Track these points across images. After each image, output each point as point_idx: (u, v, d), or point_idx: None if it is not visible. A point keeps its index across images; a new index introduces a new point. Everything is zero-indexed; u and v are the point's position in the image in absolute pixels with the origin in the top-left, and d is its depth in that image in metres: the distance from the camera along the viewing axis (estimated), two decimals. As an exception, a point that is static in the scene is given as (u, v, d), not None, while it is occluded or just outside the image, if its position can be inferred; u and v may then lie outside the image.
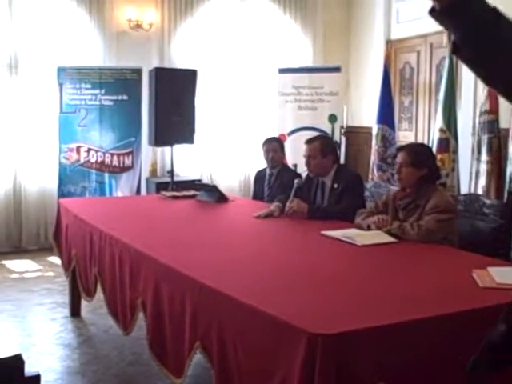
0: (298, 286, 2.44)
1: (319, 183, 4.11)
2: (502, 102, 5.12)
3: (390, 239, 3.17)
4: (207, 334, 2.37)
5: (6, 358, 1.55)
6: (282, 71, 7.05)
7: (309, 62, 7.53)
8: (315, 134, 5.91)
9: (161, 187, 6.08)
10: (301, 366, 1.84)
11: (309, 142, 4.15)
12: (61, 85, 6.31)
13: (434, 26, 1.26)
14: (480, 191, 5.17)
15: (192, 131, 6.24)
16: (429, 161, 3.44)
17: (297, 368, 1.86)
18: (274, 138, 5.25)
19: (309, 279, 2.52)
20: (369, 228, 3.38)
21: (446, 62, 5.61)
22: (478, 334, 2.07)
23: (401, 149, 3.56)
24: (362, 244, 3.07)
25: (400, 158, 3.43)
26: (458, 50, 1.19)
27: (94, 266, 3.66)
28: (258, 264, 2.79)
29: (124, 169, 6.49)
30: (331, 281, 2.51)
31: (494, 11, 1.17)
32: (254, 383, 2.10)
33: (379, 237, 3.20)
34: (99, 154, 6.41)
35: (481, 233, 3.54)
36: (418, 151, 3.47)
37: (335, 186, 3.98)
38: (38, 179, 6.54)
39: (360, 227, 3.44)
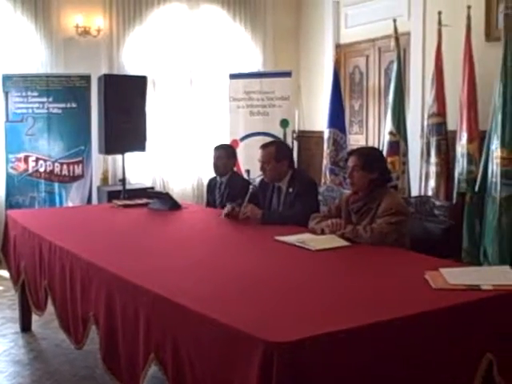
0: (253, 293, 2.41)
1: (275, 188, 4.10)
2: (450, 104, 5.23)
3: (344, 243, 3.19)
4: (161, 346, 2.32)
5: None
6: (233, 76, 7.04)
7: (259, 67, 7.54)
8: (267, 139, 5.92)
9: (113, 196, 5.97)
10: (257, 377, 1.81)
11: (263, 147, 4.14)
12: (6, 93, 6.17)
13: (381, 30, 1.27)
14: (430, 193, 5.24)
15: (143, 138, 6.17)
16: (379, 164, 3.47)
17: (254, 378, 1.83)
18: (219, 145, 5.04)
19: (263, 286, 2.50)
20: (322, 232, 3.39)
21: (394, 66, 5.67)
22: (432, 335, 2.12)
23: (351, 153, 3.58)
24: (315, 249, 3.07)
25: (351, 161, 3.46)
26: None
27: (44, 279, 3.56)
28: (211, 272, 2.74)
29: (74, 178, 6.36)
30: (286, 287, 2.49)
31: None
32: (210, 394, 2.06)
33: (333, 241, 3.21)
34: (48, 163, 6.27)
35: (431, 234, 3.59)
36: (368, 155, 3.49)
37: (290, 190, 3.99)
38: (-15, 190, 6.35)
39: (314, 232, 3.45)
